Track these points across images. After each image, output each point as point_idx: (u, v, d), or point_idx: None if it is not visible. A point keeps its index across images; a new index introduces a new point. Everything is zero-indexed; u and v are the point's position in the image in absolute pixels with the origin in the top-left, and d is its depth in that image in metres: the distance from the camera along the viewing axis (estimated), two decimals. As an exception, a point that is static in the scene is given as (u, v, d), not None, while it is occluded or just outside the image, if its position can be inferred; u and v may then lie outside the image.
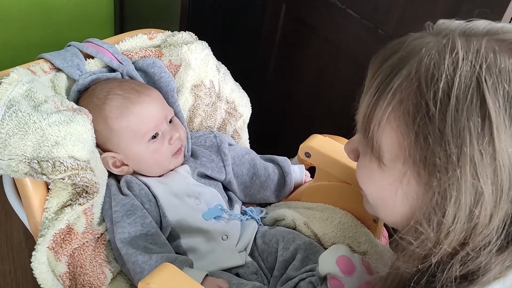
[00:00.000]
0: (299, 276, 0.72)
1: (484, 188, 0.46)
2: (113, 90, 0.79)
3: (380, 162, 0.53)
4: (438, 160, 0.47)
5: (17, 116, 0.64)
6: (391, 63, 0.51)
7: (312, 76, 1.30)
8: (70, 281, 0.70)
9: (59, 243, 0.69)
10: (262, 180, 0.91)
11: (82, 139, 0.69)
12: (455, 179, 0.46)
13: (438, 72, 0.46)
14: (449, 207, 0.47)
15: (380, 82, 0.51)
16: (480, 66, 0.45)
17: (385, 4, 1.02)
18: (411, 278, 0.52)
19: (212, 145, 0.90)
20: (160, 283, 0.56)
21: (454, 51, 0.47)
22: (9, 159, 0.64)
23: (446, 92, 0.46)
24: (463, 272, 0.49)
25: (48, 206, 0.68)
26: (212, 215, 0.80)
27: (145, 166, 0.81)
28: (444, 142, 0.46)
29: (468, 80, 0.45)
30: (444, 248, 0.49)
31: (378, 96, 0.51)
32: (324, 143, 0.87)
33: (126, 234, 0.72)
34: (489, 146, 0.45)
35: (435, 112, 0.46)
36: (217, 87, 0.94)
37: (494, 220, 0.47)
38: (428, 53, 0.48)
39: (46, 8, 1.73)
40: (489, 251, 0.48)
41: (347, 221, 0.84)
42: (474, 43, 0.47)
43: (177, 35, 0.92)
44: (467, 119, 0.45)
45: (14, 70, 0.70)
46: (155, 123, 0.80)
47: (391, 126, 0.50)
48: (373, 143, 0.53)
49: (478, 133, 0.45)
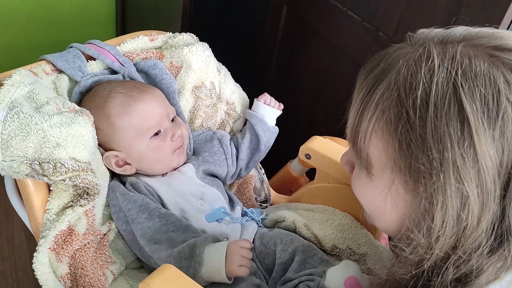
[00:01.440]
0: (298, 278, 0.72)
1: (469, 191, 0.46)
2: (115, 89, 0.80)
3: (369, 172, 0.54)
4: (422, 167, 0.47)
5: (19, 118, 0.65)
6: (374, 75, 0.52)
7: (313, 78, 1.31)
8: (72, 282, 0.70)
9: (60, 244, 0.69)
10: (252, 148, 0.93)
11: (83, 141, 0.70)
12: (440, 184, 0.47)
13: (415, 81, 0.48)
14: (436, 212, 0.48)
15: (364, 94, 0.52)
16: (456, 72, 0.46)
17: (386, 6, 1.02)
18: (407, 283, 0.52)
19: (213, 138, 0.92)
20: (160, 284, 0.56)
21: (430, 59, 0.48)
22: (10, 160, 0.64)
23: (425, 99, 0.47)
24: (457, 275, 0.49)
25: (49, 207, 0.69)
26: (215, 217, 0.80)
27: (147, 164, 0.82)
28: (426, 148, 0.47)
29: (445, 86, 0.46)
30: (436, 252, 0.49)
31: (363, 108, 0.52)
32: (324, 145, 0.88)
33: (146, 229, 0.73)
34: (470, 149, 0.45)
35: (415, 120, 0.47)
36: (217, 88, 0.95)
37: (482, 223, 0.47)
38: (406, 63, 0.49)
39: (48, 10, 1.74)
40: (481, 253, 0.48)
41: (347, 223, 0.84)
42: (450, 50, 0.48)
43: (178, 37, 0.93)
44: (447, 125, 0.46)
45: (16, 71, 0.70)
46: (157, 120, 0.80)
47: (376, 136, 0.52)
48: (361, 154, 0.54)
49: (458, 137, 0.45)
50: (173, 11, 1.43)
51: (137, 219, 0.74)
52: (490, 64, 0.46)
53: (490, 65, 0.46)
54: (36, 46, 1.78)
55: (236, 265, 0.69)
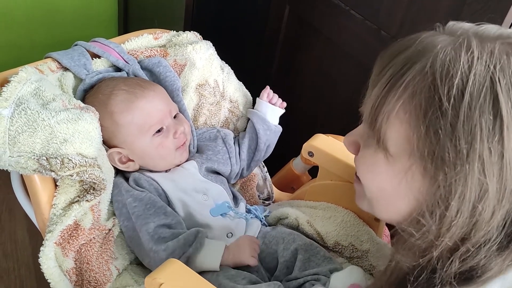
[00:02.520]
0: (303, 278, 0.73)
1: (490, 185, 0.47)
2: (118, 86, 0.80)
3: (387, 153, 0.53)
4: (447, 155, 0.47)
5: (26, 114, 0.65)
6: (405, 57, 0.51)
7: (315, 77, 1.31)
8: (77, 277, 0.71)
9: (67, 239, 0.69)
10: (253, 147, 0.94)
11: (89, 137, 0.70)
12: (463, 175, 0.47)
13: (453, 69, 0.47)
14: (453, 201, 0.48)
15: (392, 75, 0.51)
16: (494, 67, 0.47)
17: (388, 6, 1.03)
18: (411, 272, 0.52)
19: (217, 137, 0.92)
20: (166, 278, 0.57)
21: (470, 50, 0.48)
22: (18, 156, 0.65)
23: (461, 88, 0.47)
24: (462, 268, 0.50)
25: (56, 203, 0.69)
26: (219, 211, 0.81)
27: (150, 161, 0.82)
28: (455, 138, 0.47)
29: (482, 79, 0.46)
30: (445, 241, 0.49)
31: (388, 89, 0.51)
32: (327, 142, 0.88)
33: (152, 224, 0.74)
34: (498, 144, 0.46)
35: (448, 108, 0.47)
36: (221, 86, 0.95)
37: (496, 217, 0.48)
38: (444, 50, 0.49)
39: (50, 9, 1.74)
40: (489, 248, 0.49)
41: (350, 220, 0.85)
42: (488, 45, 0.48)
43: (182, 35, 0.94)
44: (479, 116, 0.46)
45: (22, 68, 0.71)
46: (159, 117, 0.81)
47: (400, 119, 0.51)
48: (380, 136, 0.53)
49: (489, 131, 0.46)
50: (176, 10, 1.44)
51: (143, 215, 0.74)
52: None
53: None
54: (38, 45, 1.78)
55: (249, 254, 0.74)
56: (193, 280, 0.59)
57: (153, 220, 0.74)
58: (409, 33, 0.55)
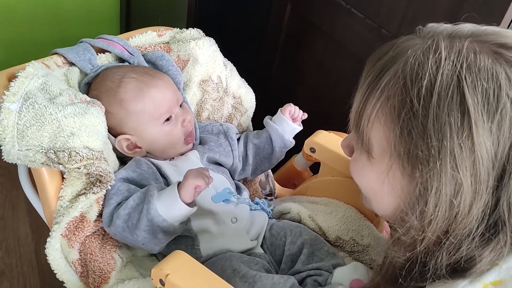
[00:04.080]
0: (306, 272, 0.74)
1: (463, 179, 0.48)
2: (127, 74, 0.81)
3: (369, 155, 0.56)
4: (420, 153, 0.49)
5: (33, 108, 0.67)
6: (382, 63, 0.54)
7: (316, 75, 1.32)
8: (82, 268, 0.72)
9: (72, 231, 0.70)
10: (262, 156, 0.94)
11: (96, 130, 0.71)
12: (436, 171, 0.49)
13: (422, 71, 0.50)
14: (430, 197, 0.50)
15: (371, 80, 0.54)
16: (461, 65, 0.48)
17: (389, 4, 1.04)
18: (403, 267, 0.54)
19: (219, 132, 0.93)
20: (172, 269, 0.58)
21: (437, 51, 0.50)
22: (26, 149, 0.66)
23: (429, 89, 0.49)
24: (451, 261, 0.51)
25: (62, 195, 0.70)
26: (221, 198, 0.82)
27: (158, 148, 0.83)
28: (426, 136, 0.49)
29: (449, 78, 0.48)
30: (428, 236, 0.51)
31: (368, 93, 0.54)
32: (328, 138, 0.90)
33: (112, 201, 0.73)
34: (468, 139, 0.47)
35: (418, 108, 0.49)
36: (224, 82, 0.96)
37: (474, 210, 0.49)
38: (414, 54, 0.51)
39: (53, 7, 1.75)
40: (471, 240, 0.50)
41: (351, 215, 0.86)
42: (457, 44, 0.50)
43: (185, 32, 0.95)
44: (448, 115, 0.48)
45: (29, 64, 0.72)
46: (168, 106, 0.82)
47: (379, 122, 0.53)
48: (363, 138, 0.56)
49: (458, 127, 0.47)
50: (178, 9, 1.45)
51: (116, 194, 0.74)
52: (493, 60, 0.48)
53: (494, 61, 0.48)
54: (40, 43, 1.78)
55: (194, 176, 0.69)
56: (199, 270, 0.60)
57: (116, 200, 0.73)
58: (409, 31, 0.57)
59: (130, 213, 0.70)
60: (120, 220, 0.71)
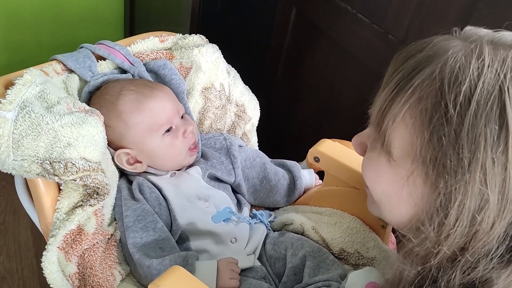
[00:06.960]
0: (314, 284, 0.72)
1: (491, 195, 0.46)
2: (126, 86, 0.80)
3: (390, 157, 0.53)
4: (448, 162, 0.47)
5: (30, 117, 0.65)
6: (415, 61, 0.51)
7: (321, 80, 1.30)
8: (80, 282, 0.70)
9: (70, 244, 0.69)
10: (272, 185, 0.91)
11: (94, 141, 0.70)
12: (463, 183, 0.46)
13: (462, 76, 0.46)
14: (452, 209, 0.47)
15: (401, 78, 0.51)
16: (505, 76, 0.46)
17: (396, 9, 1.02)
18: (412, 281, 0.52)
19: (222, 147, 0.91)
20: (170, 285, 0.56)
21: (481, 57, 0.47)
22: (21, 159, 0.64)
23: (468, 96, 0.46)
24: (464, 280, 0.49)
25: (59, 207, 0.69)
26: (221, 217, 0.80)
27: (159, 161, 0.82)
28: (458, 145, 0.46)
29: (491, 87, 0.45)
30: (444, 250, 0.49)
31: (396, 92, 0.51)
32: (333, 148, 0.87)
33: (138, 239, 0.73)
34: (502, 155, 0.45)
35: (453, 115, 0.46)
36: (227, 90, 0.95)
37: (496, 229, 0.47)
38: (455, 56, 0.48)
39: (57, 10, 1.75)
40: (490, 260, 0.48)
41: (356, 226, 0.84)
42: (501, 52, 0.47)
43: (188, 38, 0.93)
44: (485, 126, 0.45)
45: (27, 71, 0.70)
46: (168, 117, 0.81)
47: (405, 123, 0.50)
48: (384, 138, 0.53)
49: (493, 140, 0.45)
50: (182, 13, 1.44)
51: (132, 227, 0.74)
52: None
53: None
54: (44, 46, 1.78)
55: (228, 277, 0.70)
56: (197, 286, 0.58)
57: (140, 236, 0.73)
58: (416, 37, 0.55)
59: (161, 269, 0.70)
60: (152, 269, 0.70)
